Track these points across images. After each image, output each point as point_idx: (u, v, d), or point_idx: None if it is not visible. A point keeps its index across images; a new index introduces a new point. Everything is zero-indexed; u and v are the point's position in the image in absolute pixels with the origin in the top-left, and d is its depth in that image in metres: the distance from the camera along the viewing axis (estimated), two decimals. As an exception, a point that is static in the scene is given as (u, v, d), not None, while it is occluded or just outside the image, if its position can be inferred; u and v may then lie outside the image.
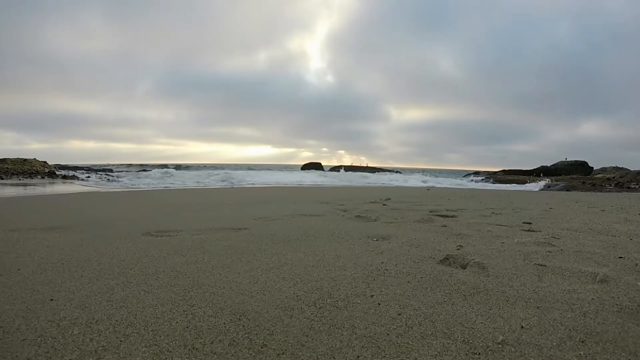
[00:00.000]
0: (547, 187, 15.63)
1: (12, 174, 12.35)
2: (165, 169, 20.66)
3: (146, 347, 1.21)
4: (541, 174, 19.79)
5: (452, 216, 4.59)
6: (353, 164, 25.53)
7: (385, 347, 1.24)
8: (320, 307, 1.56)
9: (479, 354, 1.21)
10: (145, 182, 13.98)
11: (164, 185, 12.90)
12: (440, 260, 2.27)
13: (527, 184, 17.07)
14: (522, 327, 1.40)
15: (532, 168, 21.00)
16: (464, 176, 22.57)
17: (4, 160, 13.80)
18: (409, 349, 1.23)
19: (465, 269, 2.12)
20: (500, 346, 1.25)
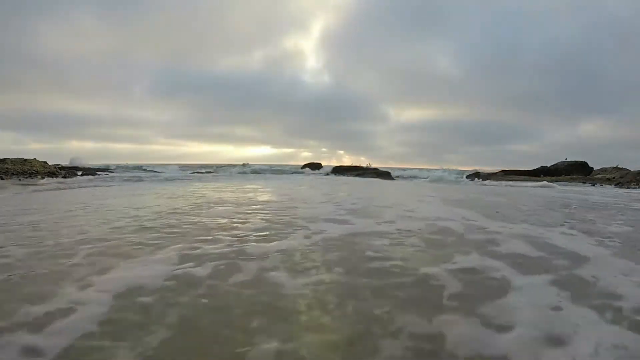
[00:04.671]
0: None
1: (12, 174, 12.29)
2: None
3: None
4: (541, 175, 19.70)
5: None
6: (353, 164, 24.99)
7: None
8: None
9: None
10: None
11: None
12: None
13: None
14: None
15: (532, 168, 20.87)
16: (465, 177, 22.23)
17: (3, 160, 13.70)
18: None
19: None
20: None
